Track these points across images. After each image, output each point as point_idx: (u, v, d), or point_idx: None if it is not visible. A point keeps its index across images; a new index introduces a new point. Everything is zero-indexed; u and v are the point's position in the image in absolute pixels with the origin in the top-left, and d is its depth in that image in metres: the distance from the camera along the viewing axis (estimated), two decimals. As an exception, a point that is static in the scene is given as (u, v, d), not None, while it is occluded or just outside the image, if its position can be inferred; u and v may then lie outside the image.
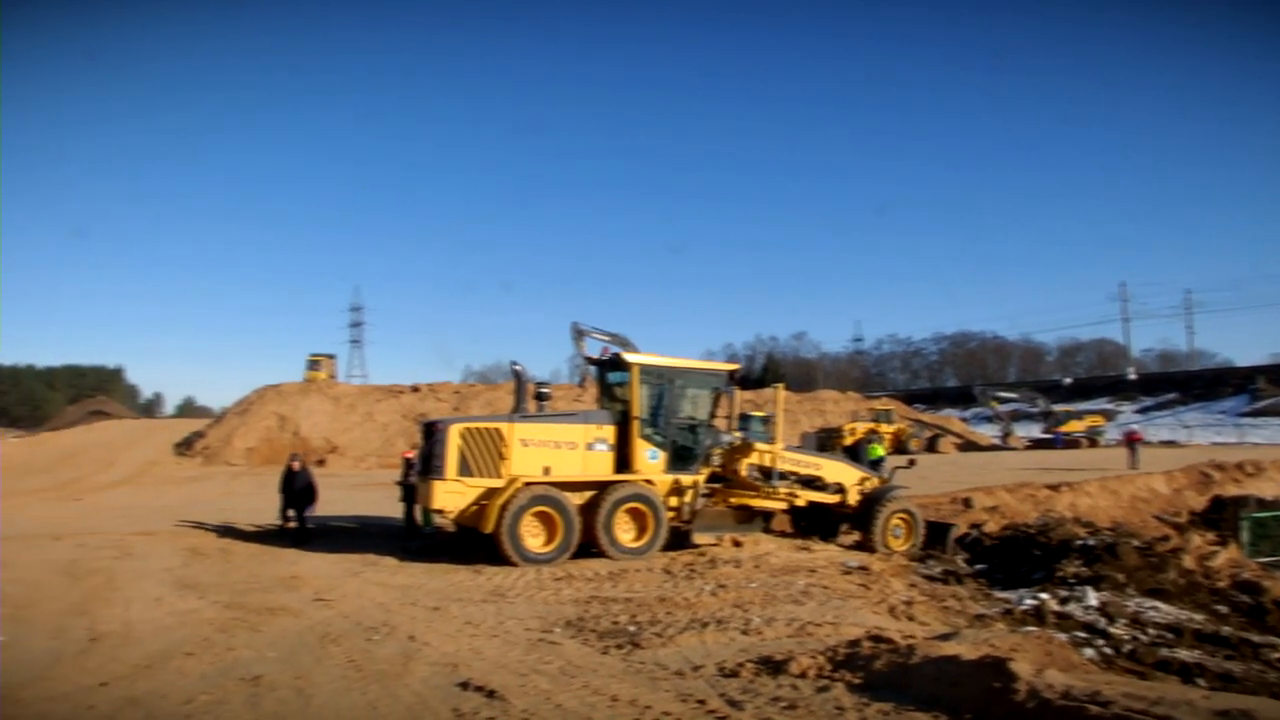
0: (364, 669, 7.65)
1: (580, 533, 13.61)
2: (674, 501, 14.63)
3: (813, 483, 16.07)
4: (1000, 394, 62.65)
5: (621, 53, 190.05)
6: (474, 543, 14.13)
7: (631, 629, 9.17)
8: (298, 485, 16.26)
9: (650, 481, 14.42)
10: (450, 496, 13.53)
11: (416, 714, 6.40)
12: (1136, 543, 15.08)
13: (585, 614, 9.95)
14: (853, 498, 16.07)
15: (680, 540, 14.59)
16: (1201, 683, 8.95)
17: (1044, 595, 12.40)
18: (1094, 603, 12.06)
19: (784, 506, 15.93)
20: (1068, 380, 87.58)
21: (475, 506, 13.57)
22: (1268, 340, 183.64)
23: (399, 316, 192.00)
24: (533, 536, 13.44)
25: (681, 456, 14.96)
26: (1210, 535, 17.75)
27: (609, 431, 14.49)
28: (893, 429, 48.38)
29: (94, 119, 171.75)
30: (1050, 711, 5.40)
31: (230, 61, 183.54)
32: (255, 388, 49.94)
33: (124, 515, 20.83)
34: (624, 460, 14.52)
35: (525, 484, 13.48)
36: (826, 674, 7.04)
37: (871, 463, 21.93)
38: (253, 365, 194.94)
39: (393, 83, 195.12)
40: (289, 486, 16.30)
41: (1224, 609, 12.85)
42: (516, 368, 15.18)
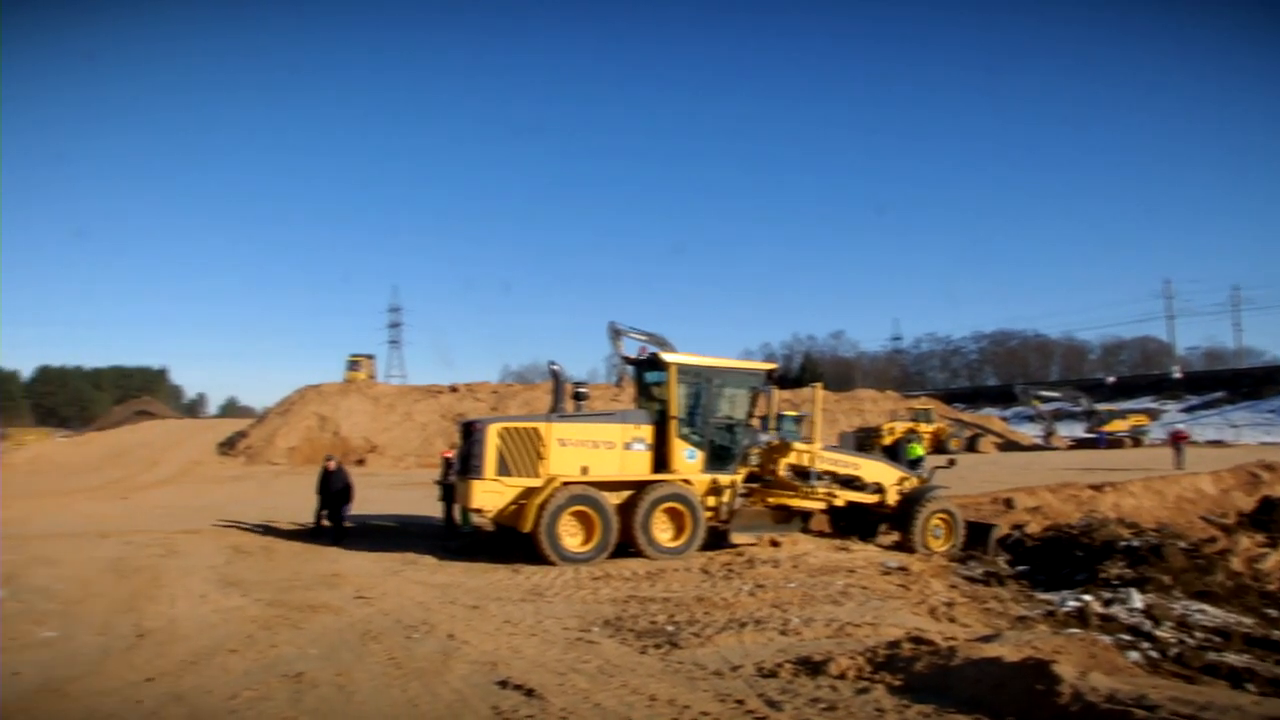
0: (404, 666, 7.71)
1: (618, 532, 13.62)
2: (712, 501, 14.60)
3: (851, 482, 15.97)
4: (1042, 393, 61.65)
5: (660, 51, 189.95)
6: (512, 542, 14.19)
7: (670, 629, 9.16)
8: (335, 485, 16.37)
9: (688, 481, 14.39)
10: (489, 496, 13.60)
11: (456, 712, 6.43)
12: (1183, 544, 14.86)
13: (623, 613, 9.96)
14: (892, 498, 15.96)
15: (718, 540, 14.56)
16: (1251, 688, 8.75)
17: (1087, 597, 12.24)
18: (1139, 605, 11.88)
19: (822, 506, 15.84)
20: (1111, 379, 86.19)
21: (513, 506, 13.63)
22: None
23: (437, 317, 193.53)
24: (571, 536, 13.47)
25: (719, 456, 14.91)
26: (1259, 537, 17.48)
27: (647, 431, 14.48)
28: (932, 428, 47.91)
29: (119, 121, 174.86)
30: (1095, 715, 5.33)
31: (266, 63, 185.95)
32: (296, 388, 50.57)
33: (168, 514, 21.16)
34: (662, 460, 14.51)
35: (563, 483, 13.52)
36: (866, 675, 6.99)
37: (910, 462, 21.73)
38: (294, 366, 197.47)
39: (431, 85, 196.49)
40: (326, 486, 16.42)
41: (1274, 612, 12.62)
42: (554, 368, 15.24)
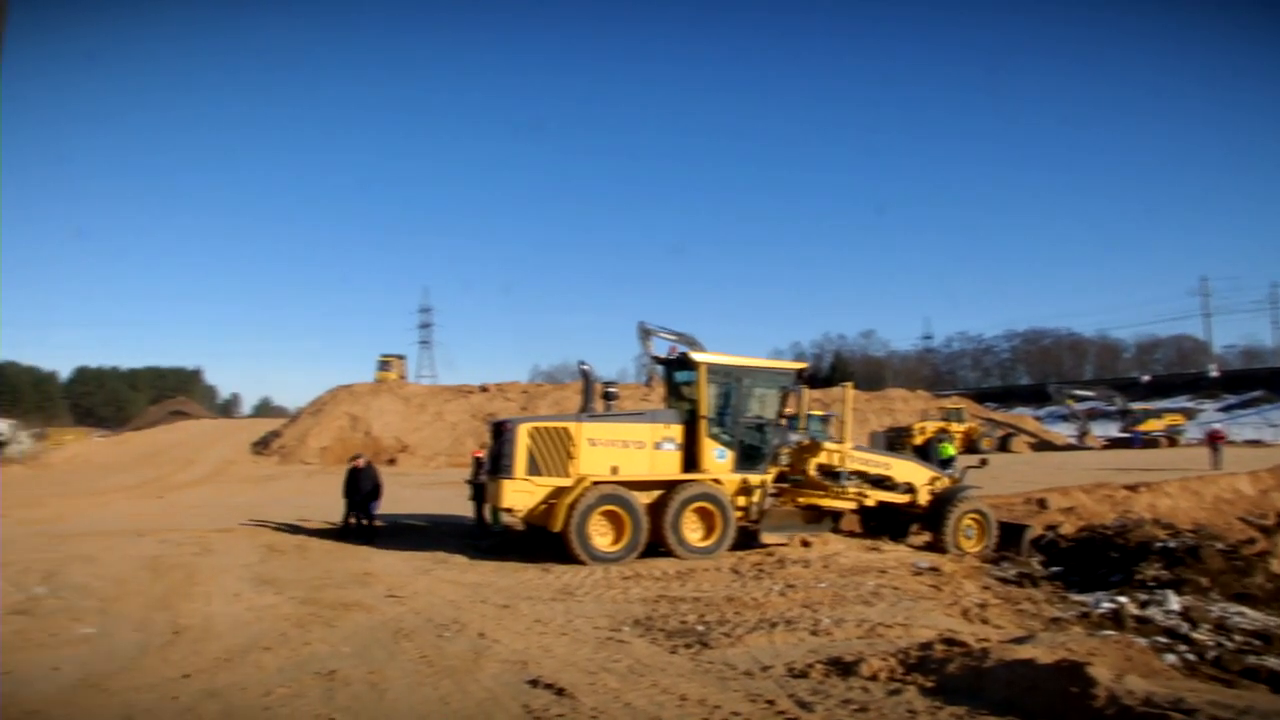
0: (436, 665, 7.75)
1: (648, 532, 13.62)
2: (742, 501, 14.57)
3: (882, 482, 15.89)
4: (1076, 392, 61.00)
5: (687, 49, 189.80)
6: (542, 541, 14.23)
7: (700, 628, 9.16)
8: (365, 484, 16.45)
9: (718, 481, 14.37)
10: (519, 495, 13.64)
11: (487, 710, 6.46)
12: (1220, 545, 14.65)
13: (653, 613, 9.96)
14: (923, 497, 15.86)
15: (748, 540, 14.52)
16: (1292, 692, 8.63)
17: (1123, 599, 12.10)
18: (1176, 607, 11.71)
19: (853, 506, 15.77)
20: (1146, 377, 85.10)
21: (544, 505, 13.67)
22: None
23: (468, 317, 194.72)
24: (601, 535, 13.49)
25: (749, 456, 14.87)
26: (1300, 538, 17.17)
27: (676, 431, 14.47)
28: (963, 428, 47.58)
29: (149, 123, 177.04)
30: (1131, 718, 5.26)
31: (295, 63, 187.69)
32: (328, 388, 51.01)
33: (203, 512, 21.42)
34: (692, 459, 14.49)
35: (593, 483, 13.54)
36: (898, 677, 6.95)
37: (942, 462, 21.60)
38: (326, 366, 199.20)
39: (459, 85, 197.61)
40: (355, 486, 16.48)
41: (1315, 615, 12.40)
42: (584, 367, 15.27)
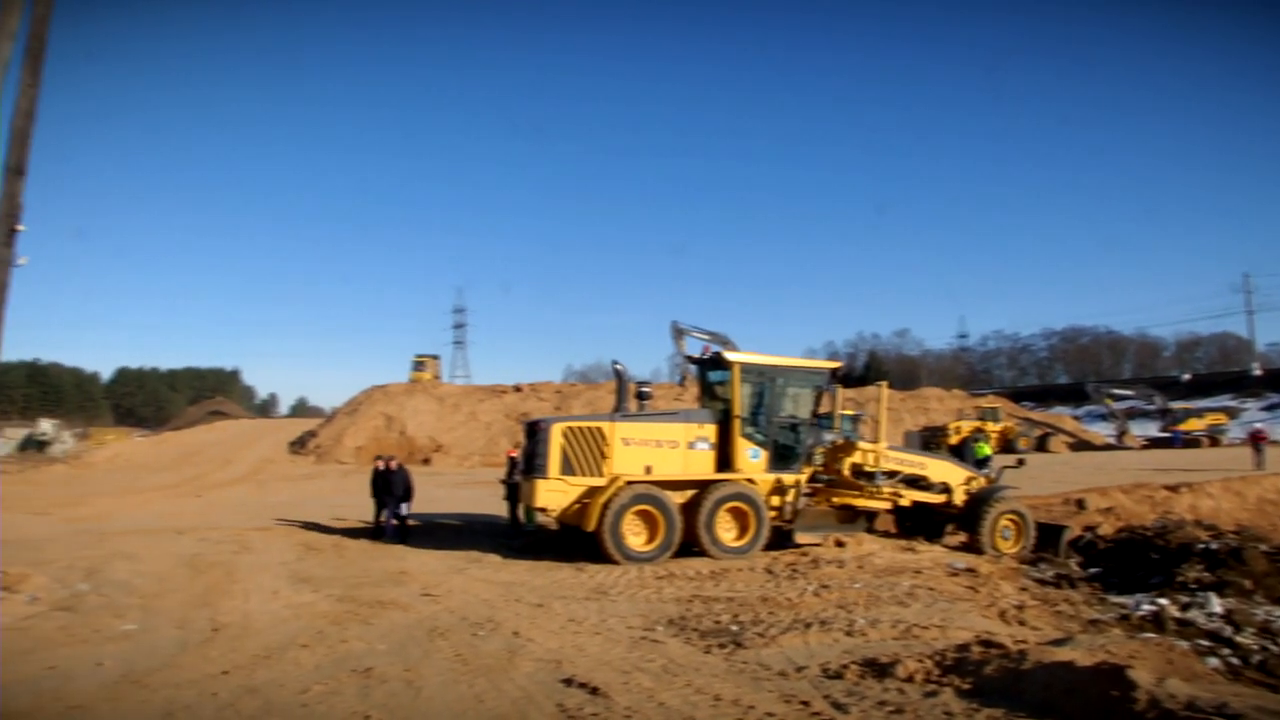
0: (470, 663, 7.79)
1: (682, 531, 13.62)
2: (776, 501, 14.52)
3: (917, 482, 15.79)
4: (1115, 391, 60.20)
5: (723, 49, 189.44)
6: (576, 541, 14.27)
7: (734, 628, 9.14)
8: (396, 485, 16.48)
9: (752, 480, 14.34)
10: (553, 495, 13.69)
11: (522, 709, 6.49)
12: (1264, 547, 14.36)
13: (687, 613, 9.95)
14: (959, 498, 15.73)
15: (782, 540, 14.47)
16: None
17: (1163, 601, 11.93)
18: (1218, 610, 11.53)
19: (888, 506, 15.68)
20: (1187, 376, 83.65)
21: (577, 505, 13.71)
22: None
23: (501, 317, 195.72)
24: (634, 535, 13.50)
25: (783, 455, 14.82)
26: (1346, 540, 16.80)
27: (710, 430, 14.45)
28: (1000, 427, 47.09)
29: (186, 125, 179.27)
30: (1173, 722, 5.19)
31: (340, 66, 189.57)
32: (364, 388, 51.42)
33: (241, 511, 21.67)
34: (725, 459, 14.47)
35: (627, 483, 13.57)
36: (934, 678, 6.90)
37: (977, 462, 21.41)
38: (361, 366, 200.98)
39: (493, 86, 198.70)
40: (386, 486, 16.50)
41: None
42: (618, 367, 15.29)
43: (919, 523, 16.35)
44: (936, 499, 15.74)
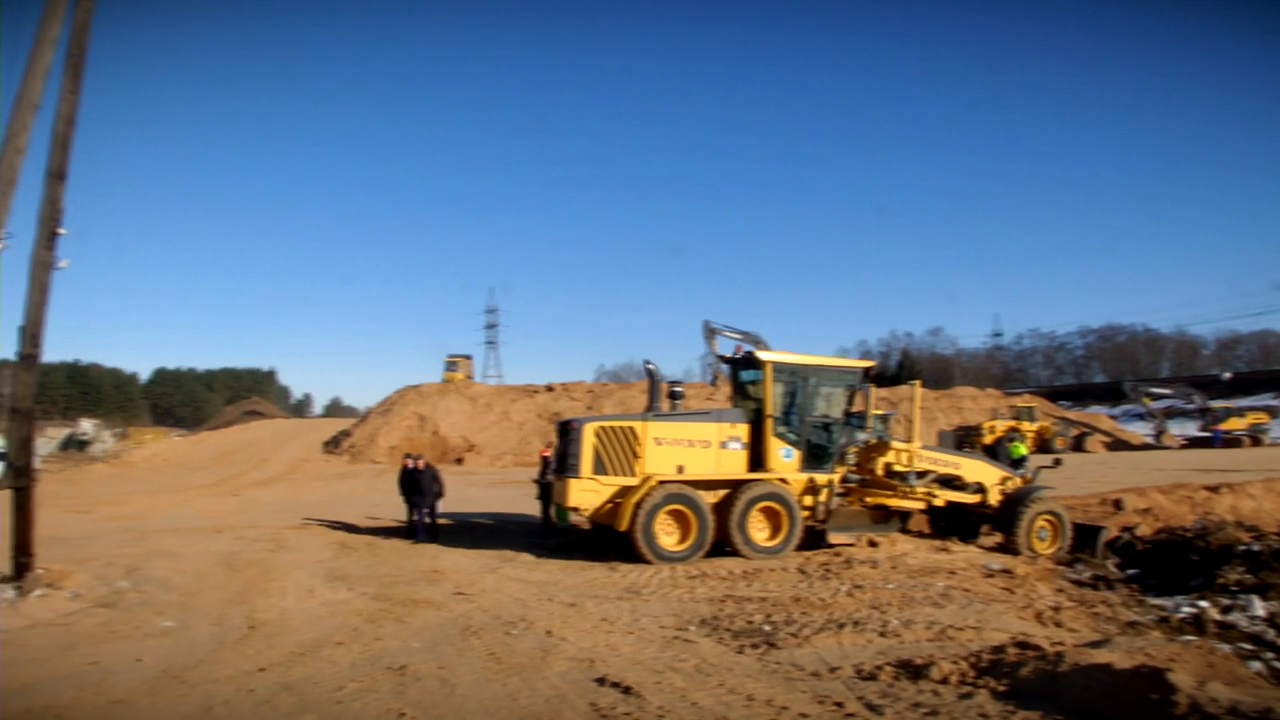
0: (504, 662, 7.83)
1: (714, 531, 13.60)
2: (809, 500, 14.46)
3: (951, 482, 15.66)
4: (1153, 390, 59.41)
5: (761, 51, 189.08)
6: (609, 540, 14.29)
7: (767, 628, 9.12)
8: (426, 483, 16.50)
9: (784, 480, 14.28)
10: (585, 494, 13.72)
11: (555, 707, 6.51)
12: (1308, 549, 14.10)
13: (720, 613, 9.94)
14: (994, 498, 15.58)
15: (815, 540, 14.41)
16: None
17: (1204, 603, 11.76)
18: (1261, 613, 11.35)
19: (921, 506, 15.56)
20: (1227, 375, 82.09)
21: (610, 504, 13.73)
22: None
23: (534, 317, 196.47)
24: (667, 534, 13.50)
25: (816, 455, 14.76)
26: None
27: (743, 430, 14.42)
28: (1035, 427, 46.59)
29: (210, 125, 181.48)
30: (1214, 727, 5.11)
31: (374, 67, 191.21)
32: (397, 388, 51.79)
33: (277, 510, 21.91)
34: (758, 459, 14.43)
35: (659, 482, 13.56)
36: (969, 680, 6.84)
37: (1013, 462, 21.20)
38: (395, 366, 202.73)
39: (528, 86, 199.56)
40: (415, 485, 16.53)
41: None
42: (650, 367, 15.29)
43: (953, 523, 16.22)
44: (971, 499, 15.60)
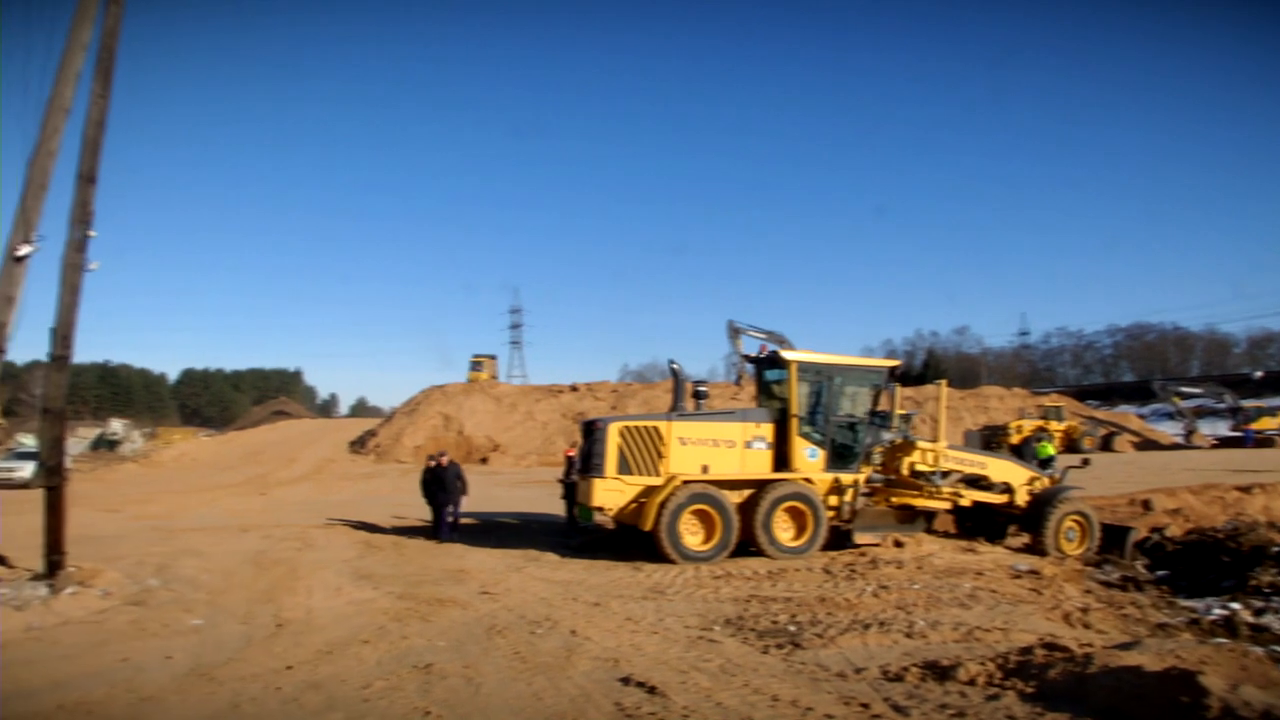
0: (529, 661, 7.85)
1: (739, 531, 13.59)
2: (834, 500, 14.41)
3: (978, 482, 15.56)
4: (1183, 389, 58.66)
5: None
6: (633, 540, 14.30)
7: (792, 629, 9.09)
8: (450, 482, 16.50)
9: (809, 480, 14.24)
10: (609, 494, 13.75)
11: (580, 706, 6.51)
12: (1343, 551, 13.90)
13: (745, 613, 9.92)
14: (1021, 498, 15.46)
15: (840, 540, 14.38)
16: None
17: (1236, 605, 11.60)
18: (1295, 615, 11.19)
19: (948, 506, 15.45)
20: (1259, 373, 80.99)
21: (634, 504, 13.75)
22: None
23: (558, 317, 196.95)
24: (691, 534, 13.49)
25: (841, 455, 14.72)
26: None
27: (767, 429, 14.40)
28: (1063, 426, 46.20)
29: (244, 125, 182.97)
30: (1247, 731, 5.04)
31: (393, 67, 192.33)
32: (422, 388, 52.04)
33: (304, 509, 22.08)
34: (783, 458, 14.40)
35: (684, 482, 13.56)
36: (997, 682, 6.78)
37: (1040, 462, 21.02)
38: (420, 367, 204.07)
39: (553, 86, 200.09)
40: (440, 484, 16.53)
41: None
42: (674, 366, 15.27)
43: (980, 523, 16.10)
44: (998, 499, 15.49)
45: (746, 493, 14.05)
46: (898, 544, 14.18)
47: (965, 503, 15.30)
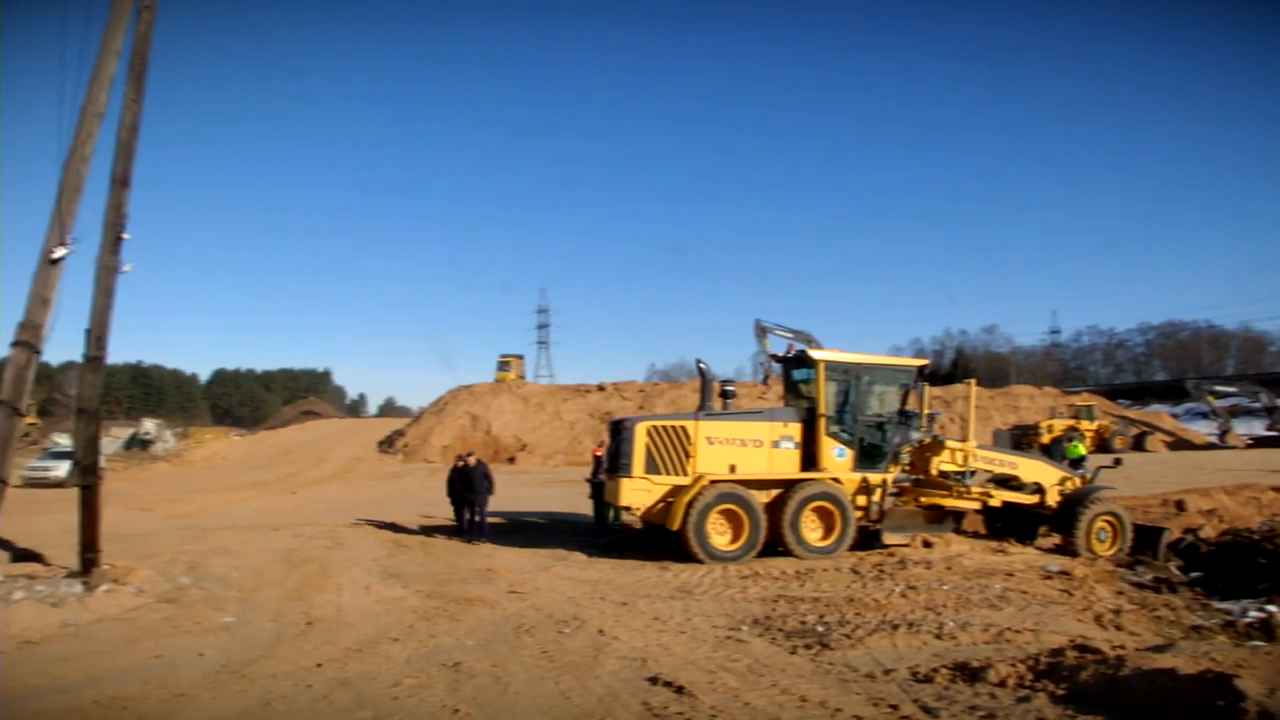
0: (556, 660, 7.87)
1: (766, 531, 13.55)
2: (862, 500, 14.34)
3: (1008, 482, 15.43)
4: (1217, 388, 57.82)
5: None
6: (660, 540, 14.29)
7: (820, 629, 9.06)
8: (478, 482, 16.40)
9: (837, 480, 14.19)
10: (637, 494, 13.75)
11: (607, 705, 6.52)
12: (1382, 552, 13.68)
13: (772, 613, 9.90)
14: (1052, 498, 15.31)
15: (868, 540, 14.30)
16: None
17: (1272, 607, 11.42)
18: (1332, 617, 11.01)
19: (977, 506, 15.35)
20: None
21: (662, 504, 13.74)
22: None
23: (585, 317, 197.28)
24: (719, 534, 13.47)
25: (869, 454, 14.64)
26: None
27: (795, 429, 14.35)
28: (1094, 426, 45.76)
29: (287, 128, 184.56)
30: (1285, 735, 4.97)
31: (421, 68, 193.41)
32: (450, 388, 52.31)
33: (333, 508, 22.24)
34: (810, 458, 14.35)
35: (711, 482, 13.54)
36: (1028, 683, 6.72)
37: (1071, 462, 20.83)
38: (448, 366, 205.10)
39: (572, 87, 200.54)
40: (466, 483, 16.45)
41: None
42: (701, 366, 15.26)
43: (1010, 524, 15.97)
44: (1029, 499, 15.36)
45: (774, 492, 14.01)
46: (926, 544, 14.12)
47: (995, 503, 15.21)
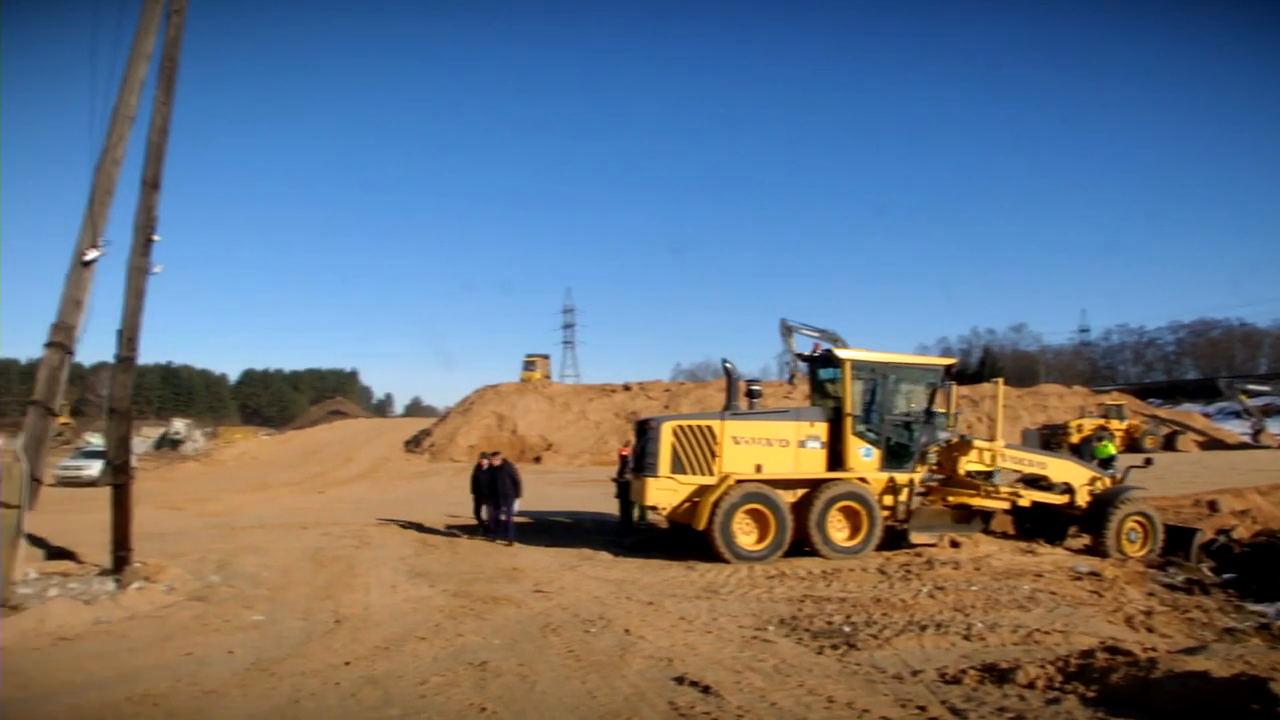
0: (583, 659, 7.88)
1: (793, 531, 13.50)
2: (889, 500, 14.27)
3: (1037, 482, 15.30)
4: (1250, 387, 57.00)
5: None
6: (686, 539, 14.29)
7: (846, 629, 9.02)
8: (503, 481, 16.22)
9: (864, 479, 14.12)
10: (663, 493, 13.74)
11: (634, 705, 6.52)
12: None
13: (799, 613, 9.86)
14: (1082, 498, 15.16)
15: (896, 540, 14.22)
16: None
17: (1307, 609, 11.29)
18: (1368, 620, 10.85)
19: (1005, 506, 15.22)
20: (1331, 371, 78.93)
21: (688, 503, 13.73)
22: None
23: (611, 317, 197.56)
24: (745, 534, 13.44)
25: (896, 454, 14.57)
26: None
27: (821, 429, 14.30)
28: (1124, 425, 45.26)
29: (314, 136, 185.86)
30: (1321, 739, 4.90)
31: (451, 70, 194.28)
32: (476, 388, 52.54)
33: (361, 507, 22.39)
34: (837, 458, 14.29)
35: (737, 481, 13.51)
36: (1057, 685, 6.66)
37: (1101, 461, 20.65)
38: (473, 366, 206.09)
39: (597, 87, 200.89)
40: (493, 483, 16.31)
41: None
42: (727, 365, 15.24)
43: (1039, 524, 15.81)
44: (1058, 500, 15.21)
45: (800, 492, 13.96)
46: (954, 544, 14.02)
47: (1024, 503, 15.08)
